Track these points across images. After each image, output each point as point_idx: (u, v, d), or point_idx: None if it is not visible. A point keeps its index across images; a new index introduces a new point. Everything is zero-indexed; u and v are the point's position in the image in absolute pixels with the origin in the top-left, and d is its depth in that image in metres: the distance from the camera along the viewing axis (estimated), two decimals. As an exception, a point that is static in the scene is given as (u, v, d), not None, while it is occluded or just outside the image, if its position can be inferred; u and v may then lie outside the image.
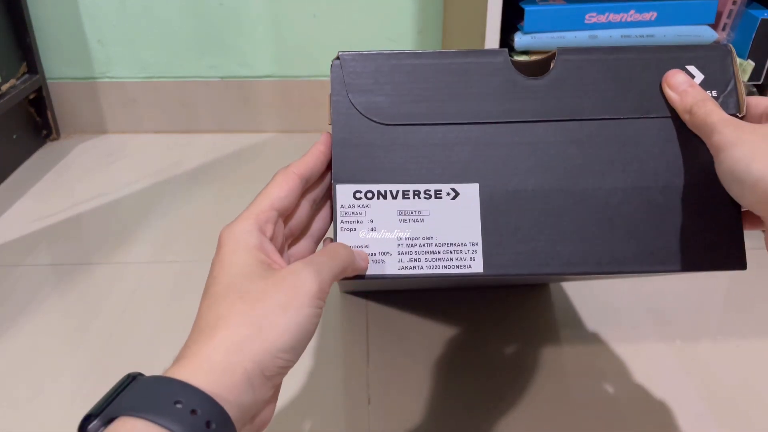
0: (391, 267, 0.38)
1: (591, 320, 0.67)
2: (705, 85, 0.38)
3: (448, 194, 0.38)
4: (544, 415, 0.56)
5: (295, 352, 0.30)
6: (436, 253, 0.38)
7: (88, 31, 1.08)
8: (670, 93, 0.38)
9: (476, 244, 0.38)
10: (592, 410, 0.56)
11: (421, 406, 0.57)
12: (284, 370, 0.30)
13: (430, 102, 0.39)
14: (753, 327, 0.67)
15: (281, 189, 0.35)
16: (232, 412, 0.27)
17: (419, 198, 0.38)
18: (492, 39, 0.71)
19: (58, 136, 1.13)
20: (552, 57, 0.40)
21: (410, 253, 0.38)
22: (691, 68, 0.39)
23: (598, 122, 0.39)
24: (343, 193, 0.38)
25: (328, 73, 0.41)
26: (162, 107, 1.14)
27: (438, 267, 0.38)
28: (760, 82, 0.74)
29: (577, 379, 0.60)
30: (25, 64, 1.05)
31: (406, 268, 0.38)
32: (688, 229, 0.38)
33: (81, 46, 1.09)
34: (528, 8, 0.71)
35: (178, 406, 0.25)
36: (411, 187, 0.38)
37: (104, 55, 1.10)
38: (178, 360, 0.28)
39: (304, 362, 0.62)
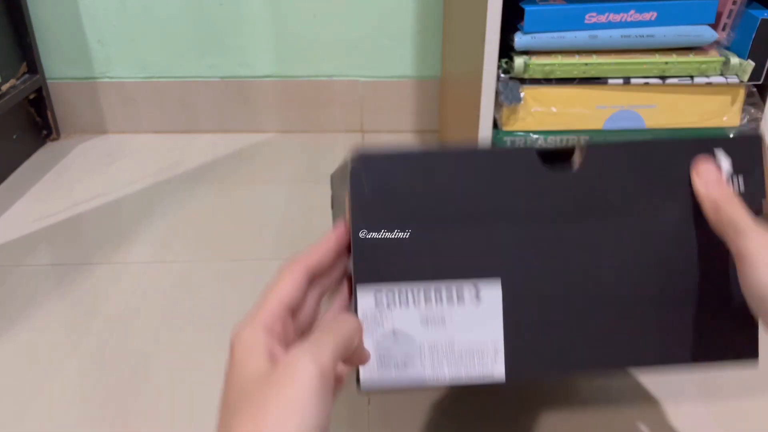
0: (414, 372, 0.37)
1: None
2: (732, 169, 0.38)
3: (471, 292, 0.38)
4: (544, 411, 0.56)
5: None
6: (458, 357, 0.37)
7: (88, 31, 1.08)
8: (697, 183, 0.37)
9: (498, 346, 0.37)
10: (592, 409, 0.56)
11: (421, 406, 0.57)
12: None
13: (451, 201, 0.38)
14: (753, 327, 0.67)
15: (287, 284, 0.34)
16: None
17: (441, 301, 0.38)
18: (492, 39, 0.71)
19: (58, 136, 1.13)
20: (576, 149, 0.39)
21: (432, 358, 0.37)
22: (719, 151, 0.38)
23: (621, 220, 0.38)
24: (364, 295, 0.37)
25: (329, 73, 0.40)
26: (162, 107, 1.14)
27: (460, 372, 0.37)
28: (760, 82, 0.74)
29: (577, 377, 0.60)
30: (25, 64, 1.05)
31: (429, 375, 0.37)
32: (704, 325, 0.38)
33: (81, 46, 1.09)
34: (528, 8, 0.70)
35: None
36: (432, 285, 0.38)
37: (104, 55, 1.10)
38: None
39: (304, 362, 0.62)
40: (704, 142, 0.38)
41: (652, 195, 0.38)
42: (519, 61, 0.73)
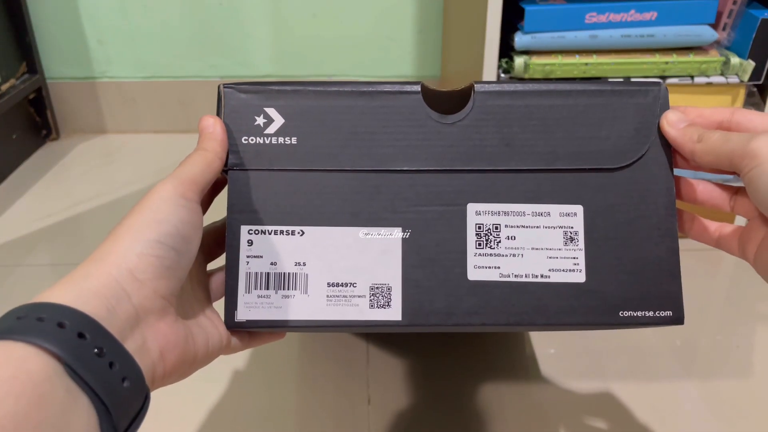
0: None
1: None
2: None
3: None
4: (545, 412, 0.56)
5: (162, 246, 0.29)
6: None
7: (88, 30, 1.08)
8: (669, 130, 0.36)
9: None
10: (593, 408, 0.57)
11: (421, 406, 0.57)
12: (162, 269, 0.29)
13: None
14: (752, 327, 0.67)
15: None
16: (110, 325, 0.26)
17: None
18: (492, 39, 0.71)
19: (57, 136, 1.13)
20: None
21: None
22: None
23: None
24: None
25: (329, 72, 0.40)
26: (161, 107, 1.14)
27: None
28: (760, 82, 0.74)
29: (579, 377, 0.60)
30: (24, 63, 1.05)
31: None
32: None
33: (81, 45, 1.09)
34: (528, 8, 0.70)
35: (42, 321, 0.25)
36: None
37: (104, 54, 1.10)
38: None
39: (304, 362, 0.62)
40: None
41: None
42: (519, 61, 0.73)
